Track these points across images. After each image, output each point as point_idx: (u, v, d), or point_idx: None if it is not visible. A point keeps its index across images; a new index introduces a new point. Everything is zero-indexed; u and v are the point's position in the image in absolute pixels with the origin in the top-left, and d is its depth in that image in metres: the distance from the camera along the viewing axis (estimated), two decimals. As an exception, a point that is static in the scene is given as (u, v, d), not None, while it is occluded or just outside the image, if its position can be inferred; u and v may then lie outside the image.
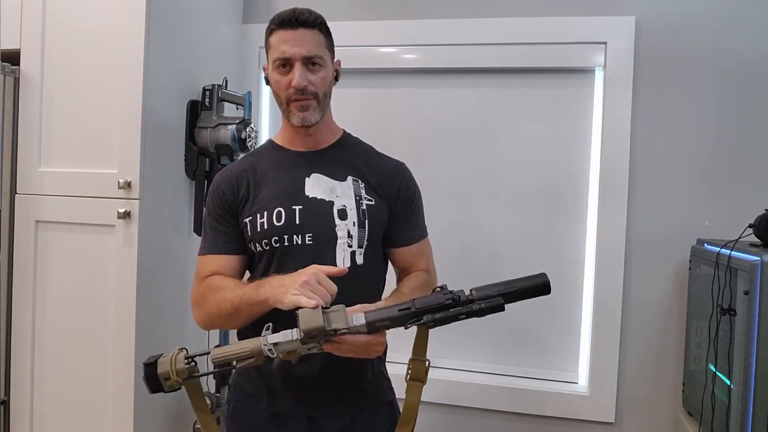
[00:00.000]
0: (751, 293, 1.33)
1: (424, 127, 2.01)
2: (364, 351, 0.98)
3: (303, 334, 0.92)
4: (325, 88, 1.15)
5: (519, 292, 0.98)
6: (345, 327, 0.94)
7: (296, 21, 1.09)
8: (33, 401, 1.68)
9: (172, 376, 0.96)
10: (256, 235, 1.13)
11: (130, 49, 1.57)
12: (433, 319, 0.95)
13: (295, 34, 1.09)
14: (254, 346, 0.95)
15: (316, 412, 1.14)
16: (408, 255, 1.23)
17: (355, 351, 0.97)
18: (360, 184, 1.17)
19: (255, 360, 0.95)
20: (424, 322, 0.95)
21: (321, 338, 0.94)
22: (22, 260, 1.68)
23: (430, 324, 0.96)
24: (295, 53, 1.09)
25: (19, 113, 1.67)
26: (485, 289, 0.97)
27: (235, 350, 0.96)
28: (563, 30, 1.86)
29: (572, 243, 1.92)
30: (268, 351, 0.94)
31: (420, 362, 1.05)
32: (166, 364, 0.97)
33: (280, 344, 0.94)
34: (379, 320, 0.96)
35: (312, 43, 1.11)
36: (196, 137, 1.78)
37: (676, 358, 1.81)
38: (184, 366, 0.97)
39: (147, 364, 0.97)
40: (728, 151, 1.78)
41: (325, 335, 0.93)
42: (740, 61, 1.76)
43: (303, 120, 1.13)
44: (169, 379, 0.96)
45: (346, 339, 0.95)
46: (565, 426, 1.89)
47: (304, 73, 1.10)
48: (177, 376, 0.96)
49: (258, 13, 2.09)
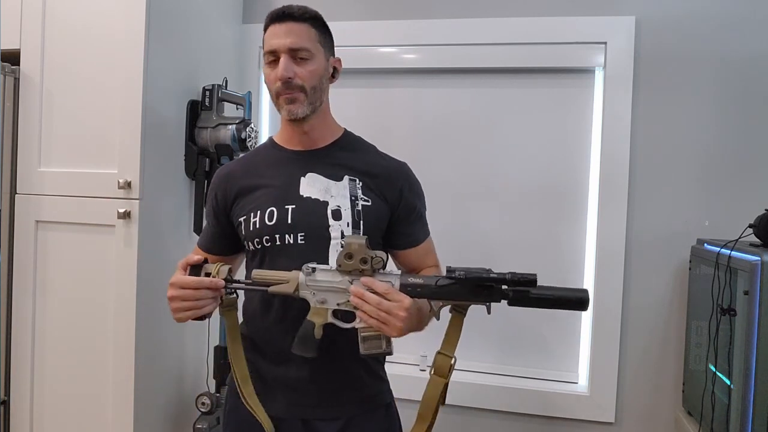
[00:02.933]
0: (751, 293, 1.33)
1: (424, 127, 2.01)
2: (386, 316, 0.97)
3: (345, 246, 1.00)
4: (314, 82, 1.12)
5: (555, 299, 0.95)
6: (381, 257, 1.00)
7: (284, 14, 1.10)
8: (33, 401, 1.68)
9: (213, 273, 1.04)
10: (249, 233, 1.14)
11: (130, 49, 1.57)
12: (513, 292, 0.95)
13: (282, 27, 1.10)
14: (292, 274, 1.03)
15: (311, 414, 1.13)
16: (415, 255, 1.22)
17: (378, 313, 0.97)
18: (357, 184, 1.15)
19: (289, 284, 1.02)
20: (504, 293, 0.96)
21: (358, 262, 0.99)
22: (22, 260, 1.68)
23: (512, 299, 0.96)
24: (280, 45, 1.09)
25: (19, 113, 1.67)
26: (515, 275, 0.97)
27: (276, 274, 1.04)
28: (563, 30, 1.86)
29: (572, 243, 1.92)
30: (305, 273, 1.02)
31: (446, 357, 1.03)
32: (211, 267, 1.05)
33: (318, 271, 1.02)
34: (413, 280, 0.99)
35: (299, 36, 1.10)
36: (196, 137, 1.78)
37: (676, 358, 1.81)
38: (226, 273, 1.05)
39: (193, 265, 1.06)
40: (728, 151, 1.78)
41: (362, 258, 0.99)
42: (740, 61, 1.76)
43: (290, 113, 1.12)
44: (210, 274, 1.04)
45: (372, 282, 0.98)
46: (565, 426, 1.89)
47: (290, 65, 1.09)
48: (217, 274, 1.04)
49: (258, 13, 2.10)
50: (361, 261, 0.99)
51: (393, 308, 0.97)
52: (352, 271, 1.01)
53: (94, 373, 1.63)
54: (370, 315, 0.98)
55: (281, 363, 1.13)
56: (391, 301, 0.97)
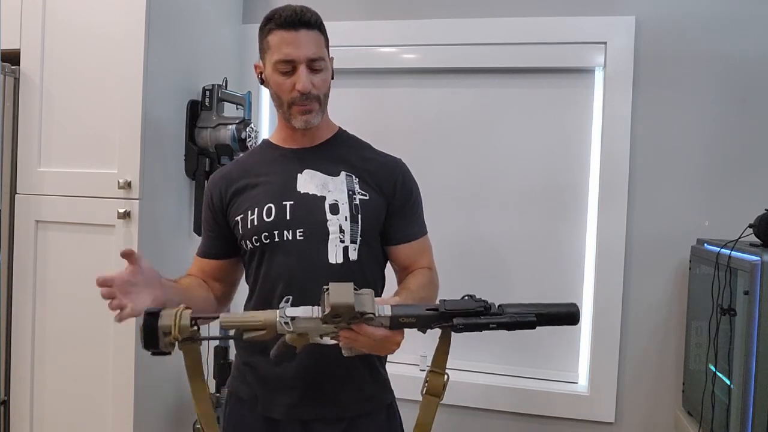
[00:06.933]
0: (751, 293, 1.33)
1: (423, 127, 2.01)
2: (380, 347, 0.92)
3: (330, 308, 0.84)
4: (326, 89, 1.14)
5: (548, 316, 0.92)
6: (372, 312, 0.87)
7: (299, 22, 1.08)
8: (33, 401, 1.68)
9: (173, 331, 0.86)
10: (246, 231, 1.13)
11: (130, 49, 1.57)
12: (464, 324, 0.89)
13: (298, 36, 1.08)
14: (267, 318, 0.88)
15: (311, 415, 1.12)
16: (408, 252, 1.20)
17: (371, 346, 0.91)
18: (354, 179, 1.15)
19: (266, 333, 0.87)
20: (454, 325, 0.89)
21: (345, 319, 0.86)
22: (22, 260, 1.68)
23: (459, 327, 0.89)
24: (300, 56, 1.08)
25: (19, 113, 1.67)
26: (513, 307, 0.93)
27: (246, 318, 0.89)
28: (563, 30, 1.86)
29: (572, 243, 1.92)
30: (284, 324, 0.86)
31: (439, 375, 0.98)
32: (169, 318, 0.87)
33: (298, 319, 0.87)
34: (404, 316, 0.89)
35: (315, 45, 1.10)
36: (196, 137, 1.78)
37: (676, 358, 1.81)
38: (189, 323, 0.88)
39: (150, 312, 0.88)
40: (728, 151, 1.78)
41: (351, 317, 0.86)
42: (740, 61, 1.76)
43: (306, 123, 1.13)
44: (169, 334, 0.87)
45: (366, 330, 0.88)
46: (565, 426, 1.89)
47: (309, 76, 1.09)
48: (178, 332, 0.87)
49: (258, 13, 2.08)
50: (351, 319, 0.87)
51: (386, 343, 0.92)
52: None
53: (94, 373, 1.62)
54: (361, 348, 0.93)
55: (280, 363, 1.12)
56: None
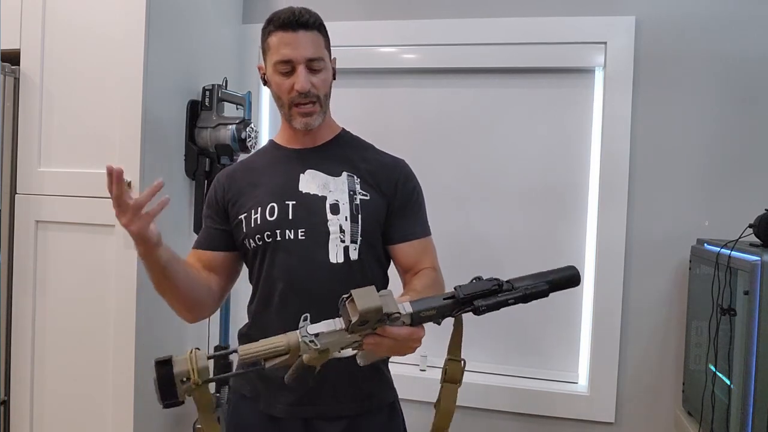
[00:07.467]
0: (751, 293, 1.33)
1: (423, 127, 2.01)
2: (402, 347, 0.91)
3: (359, 315, 0.81)
4: (326, 89, 1.15)
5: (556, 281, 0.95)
6: (398, 312, 0.86)
7: (297, 23, 1.09)
8: (33, 401, 1.68)
9: (192, 376, 0.80)
10: (250, 230, 1.14)
11: (130, 49, 1.57)
12: (486, 305, 0.90)
13: (296, 37, 1.09)
14: (290, 340, 0.83)
15: (313, 413, 1.13)
16: (411, 252, 1.19)
17: (393, 348, 0.90)
18: (355, 179, 1.16)
19: (290, 357, 0.84)
20: (476, 308, 0.90)
21: (373, 324, 0.84)
22: (22, 260, 1.68)
23: (483, 309, 0.90)
24: (298, 56, 1.09)
25: (19, 113, 1.67)
26: (521, 281, 0.94)
27: (268, 346, 0.83)
28: (563, 30, 1.86)
29: (572, 243, 1.92)
30: (309, 342, 0.83)
31: (456, 362, 1.00)
32: (184, 363, 0.81)
33: (322, 335, 0.84)
34: (424, 309, 0.88)
35: (313, 45, 1.11)
36: (196, 137, 1.78)
37: (676, 358, 1.81)
38: (206, 364, 0.82)
39: (160, 362, 0.81)
40: (728, 151, 1.77)
41: (379, 319, 0.84)
42: (740, 61, 1.76)
43: (306, 125, 1.14)
44: (188, 380, 0.80)
45: (391, 331, 0.86)
46: (565, 426, 1.89)
47: (307, 76, 1.10)
48: (198, 376, 0.80)
49: (258, 13, 2.09)
50: (377, 323, 0.86)
51: (409, 342, 0.91)
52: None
53: (94, 373, 1.62)
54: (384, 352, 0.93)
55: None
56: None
